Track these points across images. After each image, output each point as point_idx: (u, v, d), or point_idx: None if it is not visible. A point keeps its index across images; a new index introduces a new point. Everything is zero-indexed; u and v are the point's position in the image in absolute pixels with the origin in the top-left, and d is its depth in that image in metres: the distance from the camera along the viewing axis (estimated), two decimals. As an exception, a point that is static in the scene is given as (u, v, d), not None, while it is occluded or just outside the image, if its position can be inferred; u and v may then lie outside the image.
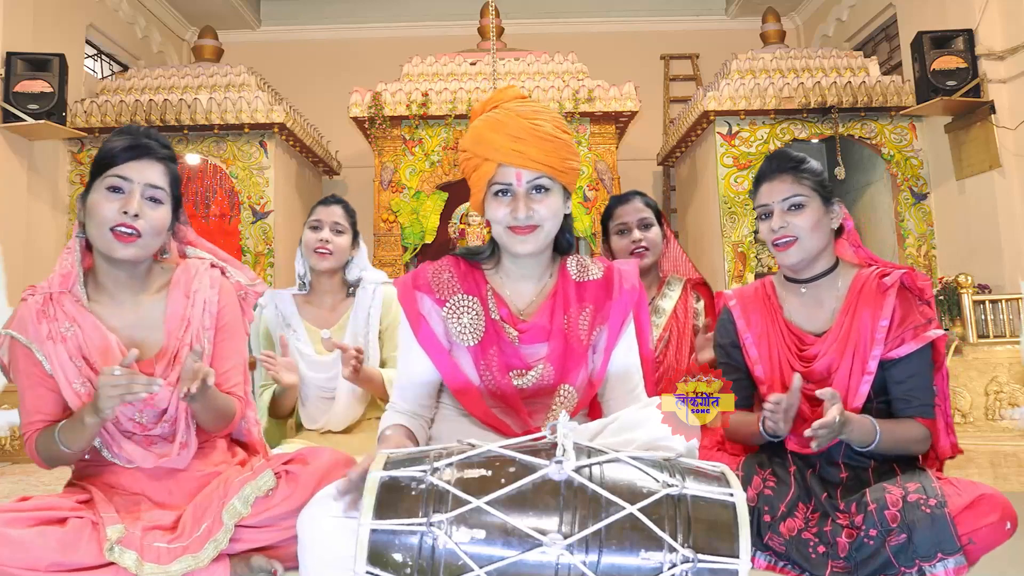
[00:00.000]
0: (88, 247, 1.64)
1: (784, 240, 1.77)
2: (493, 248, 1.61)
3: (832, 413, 1.53)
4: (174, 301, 1.65)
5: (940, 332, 1.72)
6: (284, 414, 2.38)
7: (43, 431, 1.56)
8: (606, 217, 2.53)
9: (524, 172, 1.47)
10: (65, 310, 1.58)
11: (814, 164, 1.82)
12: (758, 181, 1.84)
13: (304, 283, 2.43)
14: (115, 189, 1.57)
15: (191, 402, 1.51)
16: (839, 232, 1.85)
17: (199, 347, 1.52)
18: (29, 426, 1.58)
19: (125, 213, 1.54)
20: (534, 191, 1.49)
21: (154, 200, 1.59)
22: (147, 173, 1.58)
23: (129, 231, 1.55)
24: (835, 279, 1.81)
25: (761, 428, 1.67)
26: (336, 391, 2.31)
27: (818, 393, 1.57)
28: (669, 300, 2.44)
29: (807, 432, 1.54)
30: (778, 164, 1.80)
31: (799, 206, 1.76)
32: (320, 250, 2.34)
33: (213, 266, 1.73)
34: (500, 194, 1.50)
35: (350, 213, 2.44)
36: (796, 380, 1.61)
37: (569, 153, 1.52)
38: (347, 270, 2.42)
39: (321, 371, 2.32)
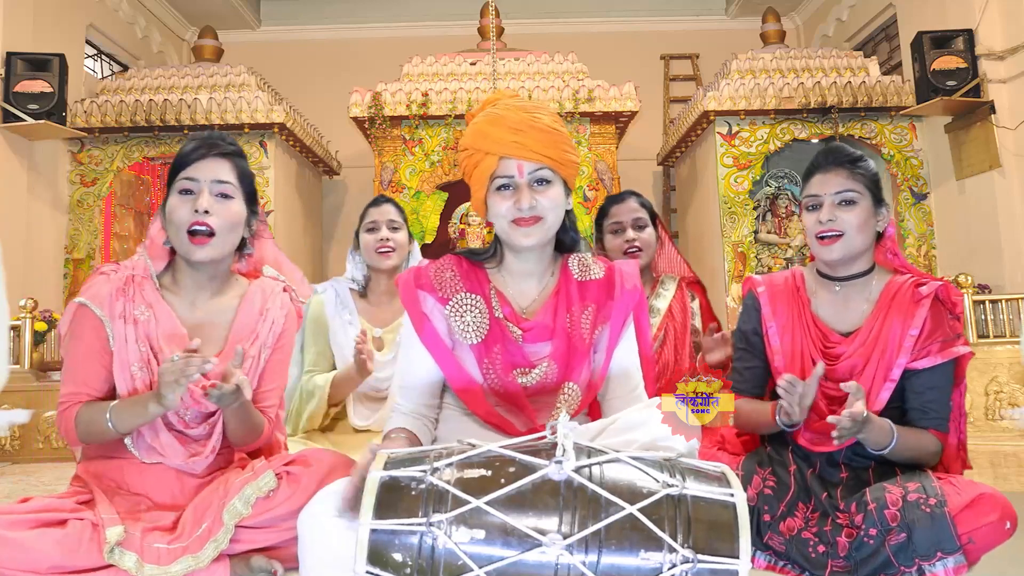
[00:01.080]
0: (169, 249, 1.69)
1: (830, 234, 1.73)
2: (495, 248, 1.61)
3: (859, 406, 1.51)
4: (246, 312, 1.70)
5: (967, 350, 1.70)
6: (335, 402, 2.37)
7: (88, 405, 1.57)
8: (601, 216, 2.53)
9: (525, 164, 1.49)
10: (144, 294, 1.63)
11: (870, 163, 1.79)
12: (810, 172, 1.80)
13: (362, 286, 2.44)
14: (186, 191, 1.62)
15: (222, 405, 1.51)
16: (879, 236, 1.82)
17: (240, 349, 1.53)
18: (72, 396, 1.58)
19: (196, 212, 1.58)
20: (536, 183, 1.50)
21: (224, 196, 1.63)
22: (213, 170, 1.63)
23: (202, 228, 1.59)
24: (869, 281, 1.79)
25: (777, 417, 1.65)
26: (388, 391, 2.32)
27: (843, 386, 1.55)
28: (663, 299, 2.45)
29: (831, 418, 1.52)
30: (835, 157, 1.77)
31: (851, 202, 1.73)
32: (382, 249, 2.37)
33: (285, 290, 1.79)
34: (502, 188, 1.51)
35: (401, 210, 2.49)
36: (819, 367, 1.59)
37: (568, 146, 1.54)
38: (406, 266, 2.43)
39: (374, 370, 2.31)
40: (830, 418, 1.53)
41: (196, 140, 1.66)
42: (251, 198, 1.71)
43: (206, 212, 1.59)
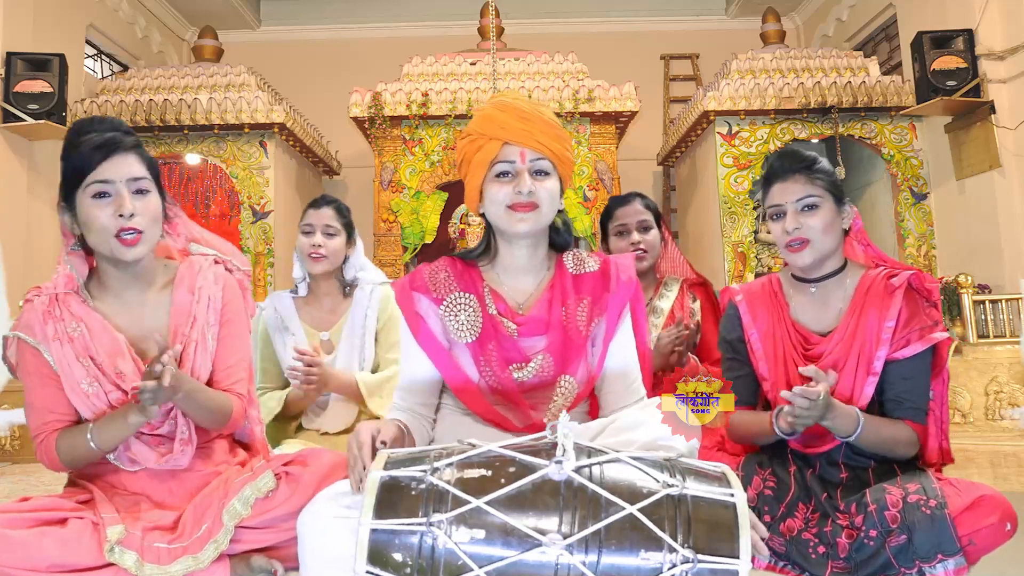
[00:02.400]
0: (86, 251, 1.63)
1: (797, 241, 1.74)
2: (487, 245, 1.62)
3: (819, 388, 1.51)
4: (179, 297, 1.64)
5: (945, 335, 1.70)
6: (292, 415, 2.38)
7: (65, 431, 1.55)
8: (605, 218, 2.53)
9: (528, 152, 1.51)
10: (72, 310, 1.58)
11: (826, 164, 1.79)
12: (769, 180, 1.81)
13: (298, 286, 2.42)
14: (101, 195, 1.53)
15: (158, 402, 1.46)
16: (847, 231, 1.83)
17: (159, 340, 1.48)
18: (44, 427, 1.56)
19: (121, 216, 1.52)
20: (536, 173, 1.52)
21: (141, 192, 1.56)
22: (125, 168, 1.55)
23: (131, 233, 1.53)
24: (843, 279, 1.79)
25: (775, 426, 1.64)
26: (329, 394, 2.31)
27: (801, 370, 1.56)
28: (667, 301, 2.45)
29: (783, 393, 1.52)
30: (791, 164, 1.77)
31: (813, 207, 1.74)
32: (313, 255, 2.33)
33: (217, 262, 1.72)
34: (502, 176, 1.52)
35: (342, 213, 2.41)
36: (824, 387, 1.56)
37: (567, 144, 1.57)
38: (344, 270, 2.41)
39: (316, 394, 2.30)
40: (783, 393, 1.53)
41: (92, 135, 1.54)
42: (160, 184, 1.63)
43: (132, 215, 1.52)
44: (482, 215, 1.59)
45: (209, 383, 1.64)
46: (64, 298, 1.59)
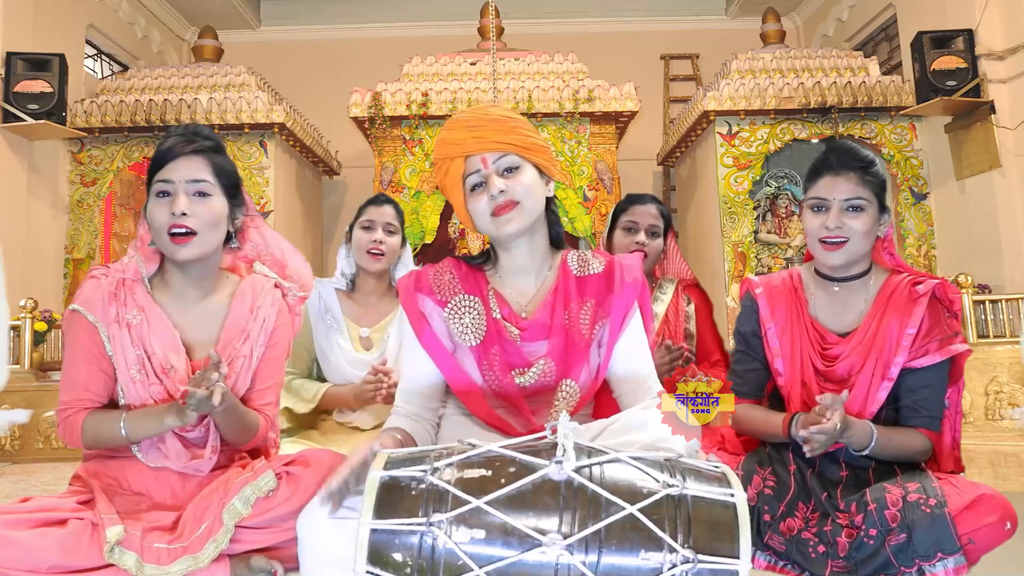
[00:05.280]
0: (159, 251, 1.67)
1: (835, 240, 1.70)
2: (489, 252, 1.63)
3: (834, 419, 1.52)
4: (237, 311, 1.68)
5: (965, 347, 1.69)
6: (325, 409, 2.36)
7: (96, 412, 1.58)
8: (619, 210, 2.52)
9: (488, 155, 1.51)
10: (135, 298, 1.62)
11: (880, 168, 1.75)
12: (818, 171, 1.74)
13: (349, 282, 2.42)
14: (163, 194, 1.60)
15: (201, 411, 1.49)
16: (879, 237, 1.79)
17: (214, 354, 1.50)
18: (75, 403, 1.58)
19: (173, 215, 1.57)
20: (504, 171, 1.51)
21: (201, 194, 1.60)
22: (188, 170, 1.60)
23: (182, 231, 1.57)
24: (867, 281, 1.77)
25: (791, 434, 1.64)
26: None
27: (818, 398, 1.55)
28: (661, 304, 2.45)
29: (802, 433, 1.53)
30: (847, 160, 1.71)
31: (859, 208, 1.69)
32: (373, 251, 2.34)
33: (276, 286, 1.77)
34: (476, 188, 1.52)
35: (400, 213, 2.44)
36: (844, 395, 1.56)
37: (527, 131, 1.55)
38: (394, 270, 2.42)
39: (358, 368, 2.30)
40: (801, 433, 1.54)
41: (172, 137, 1.63)
42: (232, 191, 1.67)
43: (184, 214, 1.57)
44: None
45: (243, 399, 1.67)
46: (131, 284, 1.64)
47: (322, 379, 2.39)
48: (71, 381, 1.60)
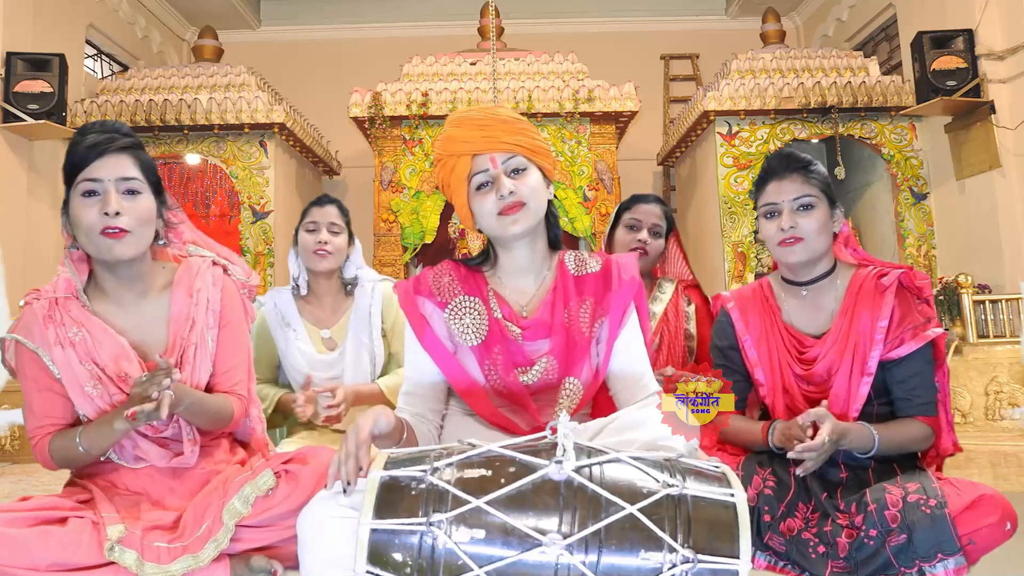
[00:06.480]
0: (86, 256, 1.62)
1: (791, 239, 1.76)
2: (488, 253, 1.63)
3: (822, 434, 1.53)
4: (178, 300, 1.64)
5: (940, 331, 1.71)
6: (286, 413, 2.36)
7: (58, 434, 1.56)
8: (623, 208, 2.53)
9: (498, 155, 1.51)
10: (72, 315, 1.57)
11: (821, 166, 1.81)
12: (764, 179, 1.82)
13: (299, 285, 2.41)
14: (90, 193, 1.53)
15: (152, 421, 1.45)
16: (836, 234, 1.84)
17: (162, 360, 1.45)
18: (39, 430, 1.57)
19: (106, 215, 1.51)
20: (512, 172, 1.52)
21: (131, 192, 1.56)
22: (116, 168, 1.54)
23: (115, 230, 1.53)
24: (834, 280, 1.81)
25: (770, 442, 1.69)
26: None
27: (799, 419, 1.58)
28: (660, 303, 2.46)
29: (791, 454, 1.56)
30: (788, 163, 1.79)
31: (808, 207, 1.75)
32: (319, 251, 2.33)
33: (215, 264, 1.72)
34: (482, 187, 1.52)
35: (344, 212, 2.43)
36: (827, 429, 1.57)
37: (534, 134, 1.56)
38: (344, 269, 2.42)
39: (322, 370, 2.31)
40: (789, 454, 1.57)
41: (91, 134, 1.55)
42: (157, 188, 1.62)
43: (117, 214, 1.51)
44: (479, 230, 1.59)
45: (210, 385, 1.65)
46: (64, 302, 1.59)
47: (288, 385, 2.39)
48: (30, 409, 1.58)
